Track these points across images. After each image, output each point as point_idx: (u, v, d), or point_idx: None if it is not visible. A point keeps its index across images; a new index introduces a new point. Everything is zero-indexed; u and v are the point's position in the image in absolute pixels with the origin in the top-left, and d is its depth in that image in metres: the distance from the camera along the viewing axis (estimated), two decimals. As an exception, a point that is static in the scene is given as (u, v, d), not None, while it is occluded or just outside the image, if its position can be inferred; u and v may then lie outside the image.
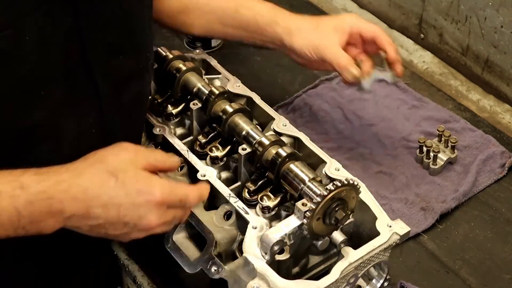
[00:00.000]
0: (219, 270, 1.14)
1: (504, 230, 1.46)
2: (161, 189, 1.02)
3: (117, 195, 0.99)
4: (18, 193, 0.96)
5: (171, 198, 1.03)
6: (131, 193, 1.00)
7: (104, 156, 1.03)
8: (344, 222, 1.15)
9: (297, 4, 2.09)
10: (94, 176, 1.00)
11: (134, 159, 1.03)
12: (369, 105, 1.74)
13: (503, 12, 1.66)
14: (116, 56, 1.14)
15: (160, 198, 1.01)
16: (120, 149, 1.05)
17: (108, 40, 1.11)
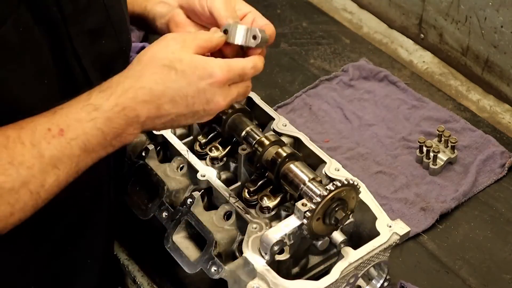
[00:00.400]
0: (219, 270, 1.14)
1: (504, 230, 1.46)
2: (220, 68, 1.03)
3: (180, 87, 1.02)
4: (95, 115, 0.99)
5: (231, 74, 1.05)
6: (193, 80, 1.02)
7: (155, 52, 1.04)
8: (344, 222, 1.15)
9: (297, 4, 2.09)
10: (153, 74, 1.02)
11: (184, 45, 1.04)
12: (369, 105, 1.74)
13: (503, 12, 1.66)
14: (98, 40, 1.15)
15: (221, 77, 1.03)
16: (167, 40, 1.06)
17: (89, 26, 1.12)
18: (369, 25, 2.03)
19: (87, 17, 1.11)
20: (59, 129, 0.98)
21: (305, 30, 1.99)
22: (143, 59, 1.04)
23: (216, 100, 1.05)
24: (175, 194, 1.29)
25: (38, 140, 0.96)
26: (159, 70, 1.02)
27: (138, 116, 1.01)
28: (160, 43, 1.07)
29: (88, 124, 0.99)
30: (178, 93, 1.02)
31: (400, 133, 1.66)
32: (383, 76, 1.80)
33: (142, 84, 1.01)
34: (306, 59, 1.89)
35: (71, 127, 0.98)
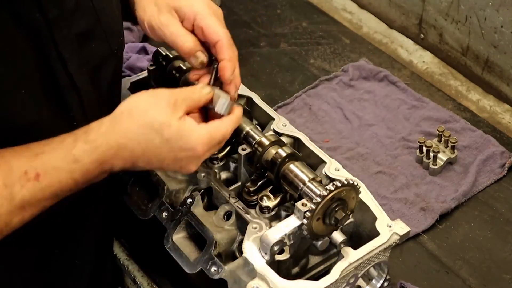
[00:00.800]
0: (219, 270, 1.14)
1: (504, 230, 1.46)
2: (202, 144, 1.07)
3: (161, 152, 1.06)
4: (74, 167, 1.02)
5: (211, 147, 1.09)
6: (174, 149, 1.06)
7: (146, 110, 1.05)
8: (344, 222, 1.15)
9: (297, 4, 2.09)
10: (140, 136, 1.04)
11: (175, 109, 1.06)
12: (369, 105, 1.74)
13: (503, 12, 1.66)
14: (87, 44, 1.14)
15: (201, 152, 1.07)
16: (159, 99, 1.07)
17: (76, 30, 1.10)
18: (369, 25, 2.03)
19: (75, 20, 1.10)
20: (36, 173, 0.99)
21: (305, 30, 1.99)
22: (133, 114, 1.05)
23: (188, 167, 1.10)
24: (175, 194, 1.29)
25: (13, 182, 0.97)
26: (146, 132, 1.04)
27: (112, 168, 1.06)
28: (153, 100, 1.07)
29: (65, 174, 1.01)
30: (157, 157, 1.06)
31: (400, 133, 1.66)
32: (383, 76, 1.80)
33: (126, 142, 1.04)
34: (306, 59, 1.89)
35: (48, 174, 1.00)
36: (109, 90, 1.22)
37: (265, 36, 1.97)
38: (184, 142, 1.05)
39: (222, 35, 1.19)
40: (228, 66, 1.18)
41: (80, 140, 1.03)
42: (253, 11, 2.06)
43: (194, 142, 1.06)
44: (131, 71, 1.75)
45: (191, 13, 1.18)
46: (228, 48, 1.19)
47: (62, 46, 1.07)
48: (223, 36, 1.19)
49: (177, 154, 1.06)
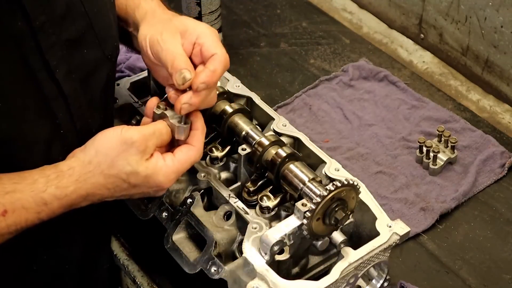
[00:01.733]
0: (219, 270, 1.14)
1: (504, 230, 1.46)
2: (168, 181, 1.12)
3: (129, 193, 1.12)
4: (42, 209, 1.04)
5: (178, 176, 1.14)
6: (142, 189, 1.12)
7: (115, 162, 1.08)
8: (344, 222, 1.15)
9: (297, 4, 2.09)
10: (109, 184, 1.09)
11: (144, 153, 1.09)
12: (369, 105, 1.74)
13: (503, 12, 1.66)
14: (79, 50, 1.12)
15: (169, 184, 1.13)
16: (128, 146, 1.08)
17: (66, 36, 1.08)
18: (369, 25, 2.03)
19: (65, 26, 1.08)
20: (4, 209, 1.01)
21: (305, 30, 1.99)
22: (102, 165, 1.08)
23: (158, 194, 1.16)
24: (175, 194, 1.29)
25: None
26: (115, 182, 1.09)
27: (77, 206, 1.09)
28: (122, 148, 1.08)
29: (32, 215, 1.03)
30: (126, 195, 1.13)
31: (400, 133, 1.66)
32: (383, 76, 1.80)
33: (95, 191, 1.08)
34: (306, 59, 1.89)
35: (16, 213, 1.02)
36: (101, 95, 1.21)
37: (265, 36, 1.97)
38: (152, 183, 1.11)
39: (219, 52, 1.16)
40: (207, 75, 1.12)
41: (52, 185, 1.05)
42: (253, 11, 2.06)
43: (160, 180, 1.11)
44: (131, 71, 1.75)
45: (194, 33, 1.17)
46: (220, 64, 1.14)
47: (49, 53, 1.05)
48: (220, 52, 1.16)
49: (145, 191, 1.13)
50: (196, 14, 1.83)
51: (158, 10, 1.24)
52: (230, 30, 1.98)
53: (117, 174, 1.08)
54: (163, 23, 1.18)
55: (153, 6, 1.25)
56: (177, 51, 1.14)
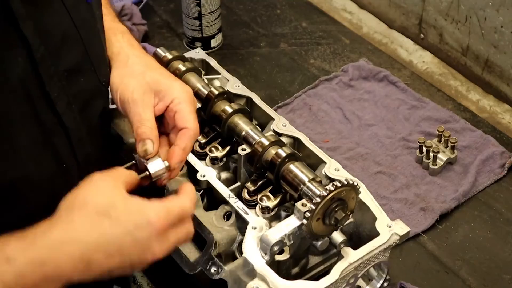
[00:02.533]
0: (218, 270, 1.14)
1: (504, 230, 1.46)
2: (157, 214, 0.94)
3: (116, 238, 0.91)
4: (5, 268, 0.84)
5: (170, 218, 0.95)
6: (129, 229, 0.91)
7: (85, 196, 0.93)
8: (344, 222, 1.15)
9: (297, 4, 2.09)
10: (85, 223, 0.90)
11: (115, 186, 0.95)
12: (369, 105, 1.74)
13: (503, 12, 1.66)
14: (76, 79, 1.08)
15: (160, 225, 0.93)
16: (95, 183, 0.95)
17: (64, 66, 1.04)
18: (369, 25, 2.03)
19: (63, 56, 1.03)
20: None
21: (305, 30, 1.99)
22: (73, 205, 0.92)
23: (152, 251, 0.93)
24: None
25: None
26: (91, 219, 0.90)
27: (60, 274, 0.87)
28: (88, 186, 0.94)
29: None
30: (113, 245, 0.90)
31: (400, 133, 1.66)
32: (383, 76, 1.80)
33: (71, 235, 0.88)
34: (306, 59, 1.89)
35: None
36: (99, 123, 1.17)
37: (265, 36, 1.97)
38: (137, 217, 0.92)
39: (192, 125, 1.11)
40: (180, 155, 1.09)
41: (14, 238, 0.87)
42: (253, 11, 2.06)
43: (148, 215, 0.92)
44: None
45: (169, 96, 1.13)
46: (190, 140, 1.11)
47: (49, 85, 1.00)
48: (192, 126, 1.11)
49: (135, 235, 0.91)
50: (196, 14, 1.84)
51: (129, 52, 1.19)
52: (230, 30, 1.98)
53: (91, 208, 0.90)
54: (135, 77, 1.14)
55: (124, 45, 1.20)
56: (145, 116, 1.10)
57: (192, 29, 1.87)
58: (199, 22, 1.85)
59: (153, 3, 2.07)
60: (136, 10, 1.95)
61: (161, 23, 2.01)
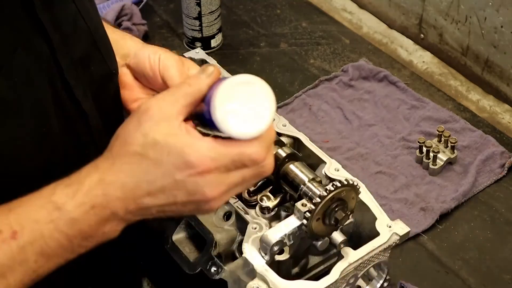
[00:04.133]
0: (218, 270, 1.14)
1: (504, 230, 1.46)
2: (199, 157, 0.84)
3: (155, 178, 0.85)
4: (57, 215, 0.84)
5: (219, 162, 0.85)
6: (168, 170, 0.85)
7: (127, 134, 0.88)
8: (344, 222, 1.15)
9: (297, 4, 2.09)
10: (124, 165, 0.86)
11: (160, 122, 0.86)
12: (369, 105, 1.74)
13: (503, 12, 1.66)
14: (88, 68, 1.07)
15: (202, 168, 0.84)
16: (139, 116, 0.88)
17: (78, 54, 1.04)
18: (369, 25, 2.03)
19: (74, 45, 1.03)
20: (12, 231, 0.83)
21: (305, 30, 1.99)
22: (115, 144, 0.89)
23: (202, 192, 0.86)
24: None
25: None
26: (130, 160, 0.86)
27: (114, 213, 0.86)
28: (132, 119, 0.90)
29: (47, 226, 0.83)
30: (154, 185, 0.86)
31: (400, 133, 1.66)
32: (383, 76, 1.80)
33: (112, 177, 0.86)
34: (306, 59, 1.89)
35: (27, 229, 0.83)
36: (112, 113, 1.16)
37: (265, 36, 1.97)
38: (176, 158, 0.85)
39: None
40: None
41: (61, 184, 0.87)
42: (253, 11, 2.06)
43: (188, 156, 0.84)
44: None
45: None
46: None
47: (67, 73, 1.00)
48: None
49: (174, 176, 0.85)
50: (196, 14, 1.84)
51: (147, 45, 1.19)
52: (230, 30, 1.98)
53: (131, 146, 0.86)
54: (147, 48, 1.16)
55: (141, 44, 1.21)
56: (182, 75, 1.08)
57: (192, 29, 1.87)
58: (199, 22, 1.85)
59: (153, 3, 2.07)
60: (136, 10, 1.95)
61: (161, 23, 2.01)
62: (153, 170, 0.85)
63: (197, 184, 0.85)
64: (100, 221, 0.86)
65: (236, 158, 0.86)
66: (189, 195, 0.86)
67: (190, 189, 0.85)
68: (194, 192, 0.86)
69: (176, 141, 0.85)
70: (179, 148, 0.85)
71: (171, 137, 0.85)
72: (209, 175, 0.85)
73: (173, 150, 0.85)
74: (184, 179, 0.85)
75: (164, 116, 0.87)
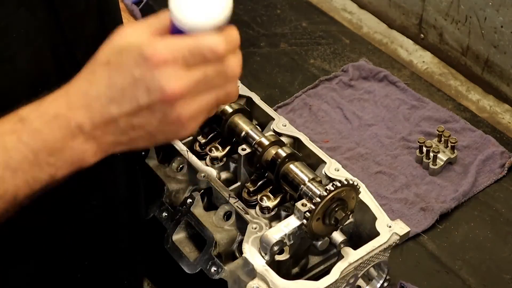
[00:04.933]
0: (218, 270, 1.14)
1: (504, 230, 1.46)
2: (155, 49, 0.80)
3: (115, 81, 0.81)
4: (20, 127, 0.82)
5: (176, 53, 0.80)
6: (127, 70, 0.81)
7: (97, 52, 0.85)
8: (344, 222, 1.15)
9: (297, 4, 2.09)
10: (87, 75, 0.84)
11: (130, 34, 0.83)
12: (369, 105, 1.74)
13: (503, 12, 1.66)
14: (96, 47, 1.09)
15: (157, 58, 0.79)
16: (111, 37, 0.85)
17: (87, 32, 1.07)
18: (369, 25, 2.03)
19: (86, 22, 1.07)
20: None
21: (305, 30, 1.99)
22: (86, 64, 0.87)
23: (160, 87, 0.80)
24: (175, 195, 1.29)
25: None
26: (93, 69, 0.84)
27: (79, 126, 0.82)
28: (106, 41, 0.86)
29: (10, 137, 0.81)
30: (114, 89, 0.81)
31: (400, 133, 1.66)
32: (383, 76, 1.80)
33: (75, 88, 0.83)
34: (306, 59, 1.89)
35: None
36: None
37: (265, 36, 1.97)
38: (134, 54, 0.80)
39: None
40: None
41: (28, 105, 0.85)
42: (253, 11, 2.06)
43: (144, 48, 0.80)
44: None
45: None
46: None
47: (74, 46, 1.03)
48: None
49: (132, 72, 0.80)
50: (196, 14, 1.83)
51: None
52: (230, 30, 1.97)
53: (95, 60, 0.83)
54: None
55: None
56: None
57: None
58: (199, 22, 1.84)
59: (153, 3, 2.07)
60: (136, 10, 1.95)
61: (161, 23, 2.01)
62: (114, 74, 0.82)
63: (154, 78, 0.80)
64: (65, 133, 0.82)
65: (193, 48, 0.80)
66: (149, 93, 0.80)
67: (149, 85, 0.80)
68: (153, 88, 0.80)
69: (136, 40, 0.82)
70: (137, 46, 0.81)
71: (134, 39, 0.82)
72: (166, 68, 0.80)
73: (132, 48, 0.81)
74: (141, 74, 0.80)
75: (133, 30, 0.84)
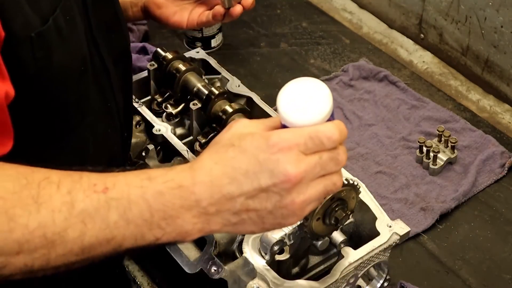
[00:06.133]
0: (219, 270, 1.14)
1: (504, 230, 1.46)
2: (279, 134, 0.87)
3: (240, 164, 0.87)
4: (147, 184, 0.87)
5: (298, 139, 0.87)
6: (252, 153, 0.87)
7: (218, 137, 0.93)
8: (344, 222, 1.15)
9: (297, 4, 2.09)
10: (212, 154, 0.90)
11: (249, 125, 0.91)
12: (369, 105, 1.74)
13: (503, 12, 1.66)
14: (111, 33, 1.18)
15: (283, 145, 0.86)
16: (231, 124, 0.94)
17: (105, 18, 1.15)
18: (369, 25, 2.03)
19: (100, 8, 1.14)
20: (105, 187, 0.86)
21: (305, 30, 1.99)
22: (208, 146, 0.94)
23: (283, 169, 0.85)
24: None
25: (77, 191, 0.85)
26: (218, 150, 0.90)
27: (197, 200, 0.87)
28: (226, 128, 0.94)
29: (135, 190, 0.86)
30: (239, 171, 0.87)
31: (400, 133, 1.66)
32: (383, 76, 1.80)
33: (201, 164, 0.89)
34: (306, 59, 1.89)
35: (117, 188, 0.86)
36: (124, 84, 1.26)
37: (265, 36, 1.97)
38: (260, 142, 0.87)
39: None
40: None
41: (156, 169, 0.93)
42: (253, 11, 2.05)
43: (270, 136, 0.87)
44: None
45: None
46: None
47: (96, 30, 1.12)
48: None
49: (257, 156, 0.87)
50: (196, 14, 1.83)
51: None
52: (230, 30, 1.98)
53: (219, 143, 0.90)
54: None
55: None
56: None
57: (192, 29, 1.87)
58: (199, 22, 1.85)
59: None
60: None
61: (161, 23, 2.01)
62: (238, 155, 0.87)
63: (278, 161, 0.86)
64: (183, 203, 0.87)
65: (314, 136, 0.87)
66: (272, 175, 0.86)
67: (273, 168, 0.86)
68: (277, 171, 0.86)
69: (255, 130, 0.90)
70: (262, 134, 0.88)
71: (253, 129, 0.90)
72: (290, 152, 0.86)
73: (256, 136, 0.88)
74: (266, 157, 0.86)
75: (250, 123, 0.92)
